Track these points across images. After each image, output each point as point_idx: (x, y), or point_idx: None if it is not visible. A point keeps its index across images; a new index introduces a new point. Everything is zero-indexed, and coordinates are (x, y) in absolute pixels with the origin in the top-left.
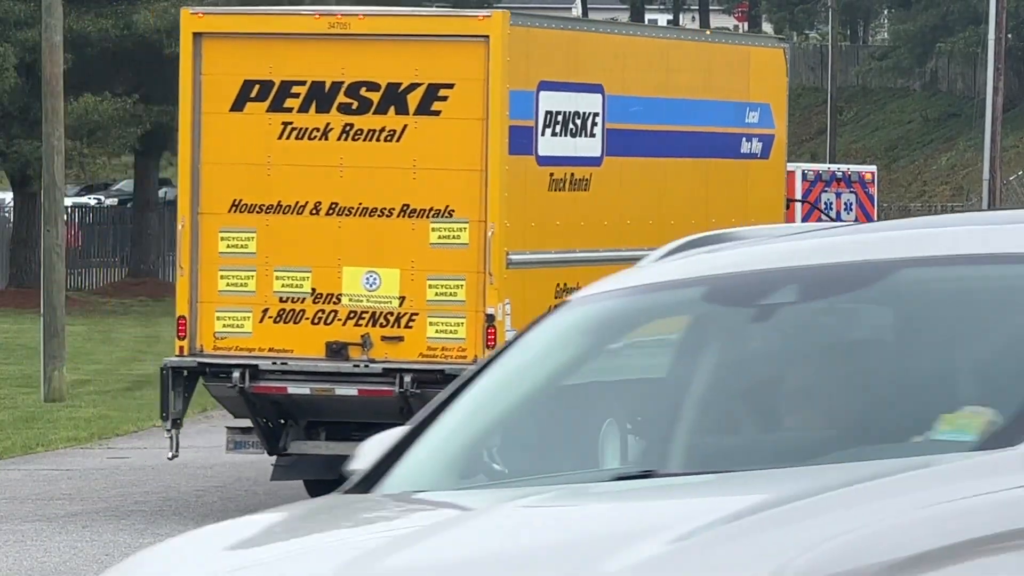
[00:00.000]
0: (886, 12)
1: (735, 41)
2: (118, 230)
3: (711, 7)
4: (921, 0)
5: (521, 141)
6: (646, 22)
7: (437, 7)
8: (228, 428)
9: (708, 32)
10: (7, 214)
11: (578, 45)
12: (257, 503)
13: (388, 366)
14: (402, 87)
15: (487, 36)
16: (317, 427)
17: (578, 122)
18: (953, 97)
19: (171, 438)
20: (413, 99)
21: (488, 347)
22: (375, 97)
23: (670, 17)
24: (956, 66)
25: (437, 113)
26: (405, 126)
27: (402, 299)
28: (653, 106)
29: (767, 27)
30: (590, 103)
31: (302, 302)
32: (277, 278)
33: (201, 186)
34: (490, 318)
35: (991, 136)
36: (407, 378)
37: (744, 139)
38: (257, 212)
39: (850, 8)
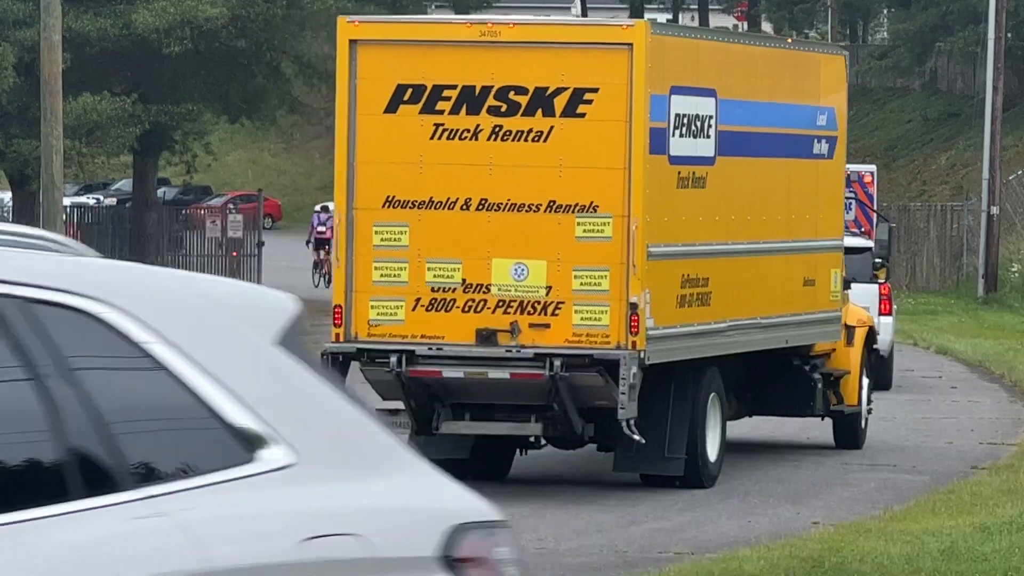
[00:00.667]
0: (885, 11)
1: (809, 48)
2: (117, 230)
3: (710, 6)
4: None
5: (657, 142)
6: None
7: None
8: (377, 410)
9: (790, 40)
10: (6, 214)
11: (698, 52)
12: None
13: (539, 351)
14: (549, 91)
15: (631, 44)
16: (462, 409)
17: (698, 124)
18: (953, 96)
19: None
20: (559, 102)
21: (631, 333)
22: (523, 100)
23: (669, 16)
24: (956, 65)
25: (582, 115)
26: (552, 127)
27: (548, 289)
28: (752, 109)
29: (767, 26)
30: (706, 106)
31: (453, 291)
32: (429, 269)
33: (356, 184)
34: (633, 306)
35: (991, 135)
36: (557, 362)
37: (815, 140)
38: (410, 207)
39: (849, 7)
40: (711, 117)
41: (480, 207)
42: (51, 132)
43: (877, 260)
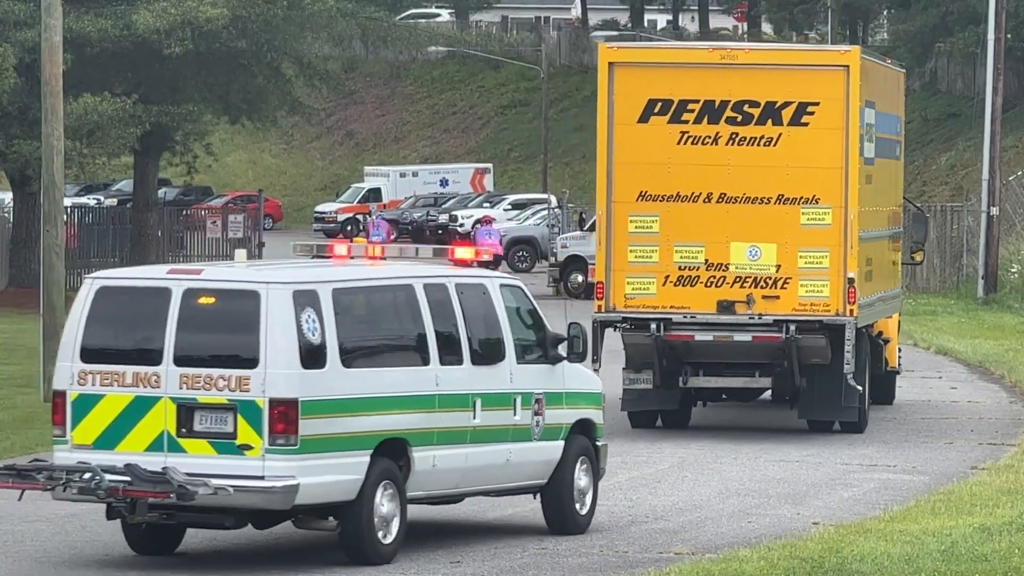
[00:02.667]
0: (885, 12)
1: (895, 67)
2: (117, 230)
3: (711, 7)
4: (920, 0)
5: (860, 146)
6: (645, 23)
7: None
8: (624, 368)
9: (889, 61)
10: (7, 214)
11: (872, 71)
12: None
13: (776, 318)
14: (777, 104)
15: (847, 66)
16: (696, 367)
17: (870, 131)
18: (952, 97)
19: (595, 371)
20: (786, 113)
21: (849, 302)
22: (756, 112)
23: (669, 18)
24: (955, 66)
25: (805, 124)
26: (780, 134)
27: (778, 267)
28: (881, 118)
29: (766, 27)
30: (871, 116)
31: (697, 270)
32: (676, 251)
33: (614, 182)
34: (851, 280)
35: (991, 136)
36: (792, 327)
37: (897, 144)
38: (660, 201)
39: (849, 8)
40: (872, 125)
41: (720, 200)
42: (52, 133)
43: (915, 243)
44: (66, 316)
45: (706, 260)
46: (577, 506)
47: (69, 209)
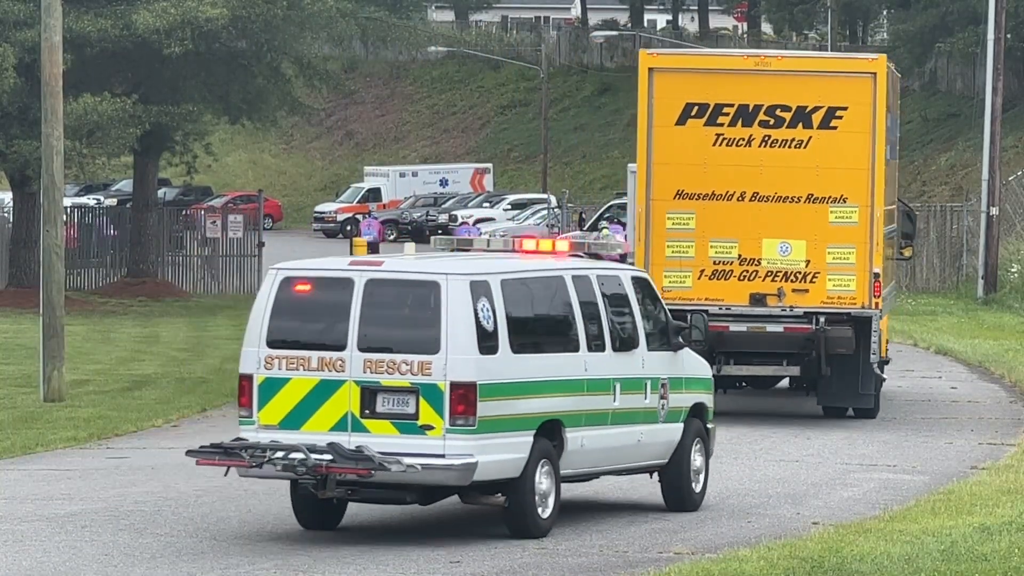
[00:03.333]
0: (885, 12)
1: (895, 70)
2: (117, 230)
3: (710, 7)
4: (920, 0)
5: (885, 148)
6: (645, 23)
7: (436, 7)
8: None
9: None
10: (6, 214)
11: (892, 77)
12: (256, 503)
13: (807, 310)
14: (808, 108)
15: (874, 73)
16: (727, 356)
17: (889, 134)
18: (952, 97)
19: None
20: (816, 117)
21: (874, 296)
22: (787, 116)
23: (669, 17)
24: (955, 66)
25: (834, 128)
26: (810, 137)
27: (807, 262)
28: (893, 121)
29: (767, 28)
30: (889, 120)
31: (731, 264)
32: (711, 246)
33: (652, 181)
34: (876, 275)
35: (990, 136)
36: (822, 319)
37: (896, 145)
38: (696, 199)
39: (849, 8)
40: (890, 129)
41: (752, 199)
42: (52, 133)
43: (903, 239)
44: (66, 316)
45: (739, 255)
46: (693, 484)
47: (69, 209)
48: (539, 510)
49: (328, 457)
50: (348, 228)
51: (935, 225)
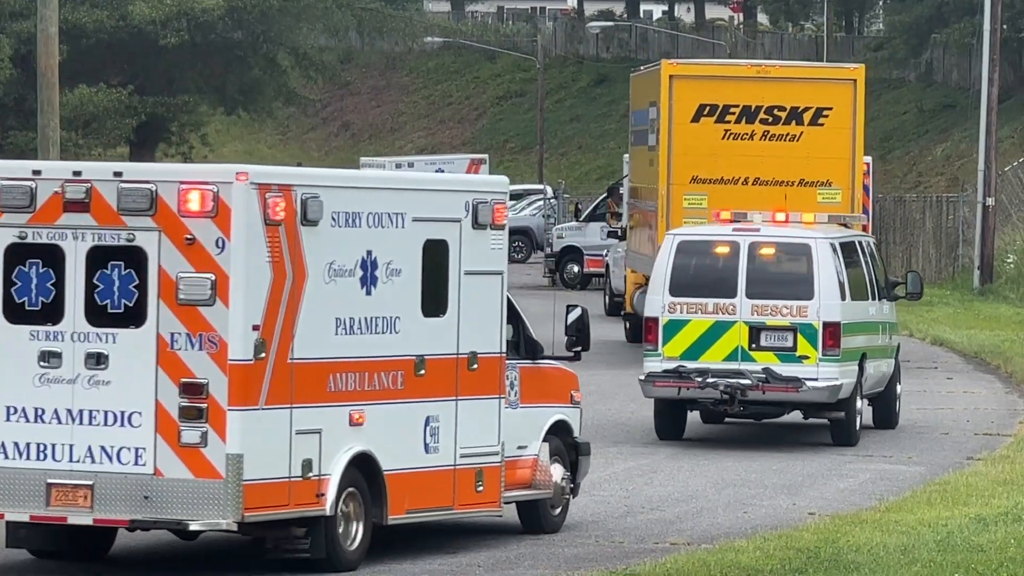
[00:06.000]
0: (881, 3)
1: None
2: None
3: None
4: None
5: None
6: (641, 13)
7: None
8: None
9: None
10: None
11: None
12: None
13: None
14: (800, 108)
15: (855, 79)
16: None
17: None
18: (948, 88)
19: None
20: (807, 116)
21: None
22: (783, 115)
23: (665, 8)
24: (951, 57)
25: (821, 124)
26: (801, 132)
27: None
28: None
29: (762, 18)
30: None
31: None
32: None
33: (672, 168)
34: None
35: (986, 127)
36: None
37: None
38: (708, 183)
39: None
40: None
41: (754, 183)
42: (48, 124)
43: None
44: None
45: None
46: (896, 406)
47: None
48: (856, 422)
49: (763, 378)
50: None
51: (931, 216)
